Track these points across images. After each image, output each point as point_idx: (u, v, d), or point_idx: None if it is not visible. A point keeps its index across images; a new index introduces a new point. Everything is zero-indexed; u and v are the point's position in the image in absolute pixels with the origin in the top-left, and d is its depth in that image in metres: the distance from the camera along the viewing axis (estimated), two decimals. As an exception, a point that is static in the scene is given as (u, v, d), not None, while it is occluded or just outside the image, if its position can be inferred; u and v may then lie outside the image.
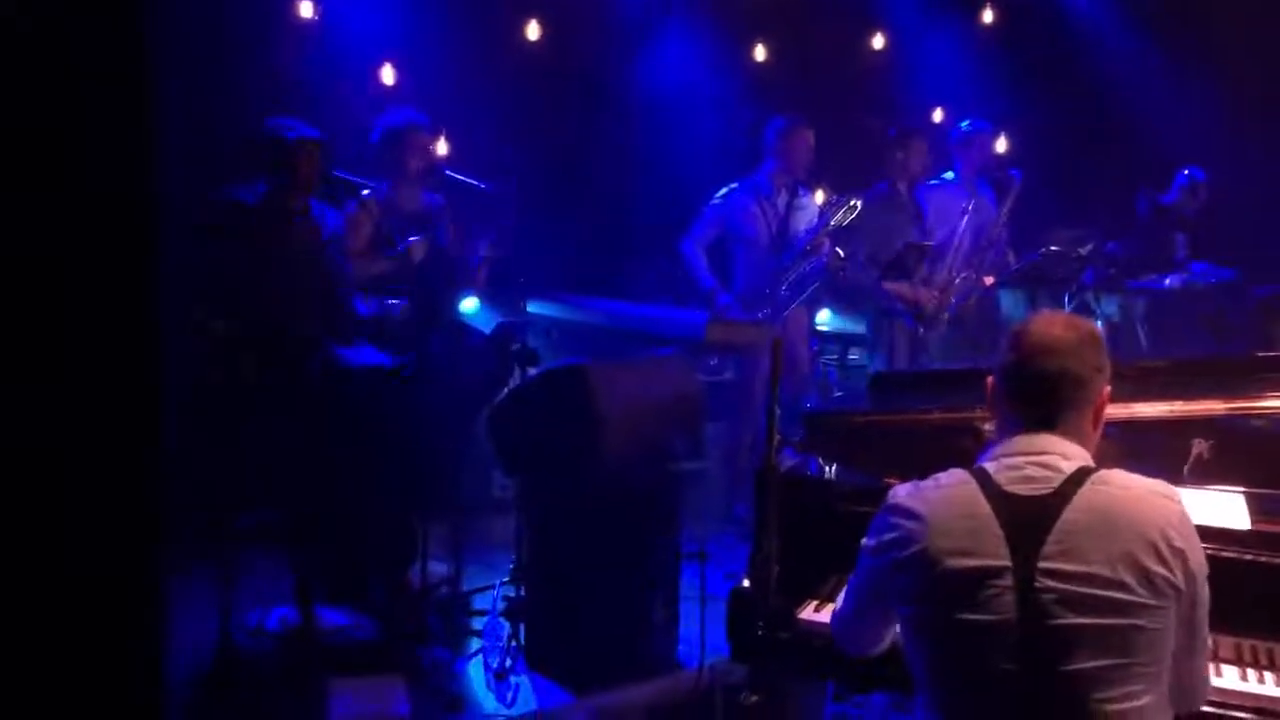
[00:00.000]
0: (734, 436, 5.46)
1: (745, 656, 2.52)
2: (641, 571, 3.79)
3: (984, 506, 1.83)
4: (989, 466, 1.90)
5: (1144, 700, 1.76)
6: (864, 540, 2.00)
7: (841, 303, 6.18)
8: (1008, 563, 1.78)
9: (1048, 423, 1.90)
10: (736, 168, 5.73)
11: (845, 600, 2.13)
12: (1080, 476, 1.83)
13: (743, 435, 5.40)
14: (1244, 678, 2.15)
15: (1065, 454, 1.87)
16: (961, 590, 1.80)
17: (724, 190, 5.55)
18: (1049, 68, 7.26)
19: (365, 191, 4.32)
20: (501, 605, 3.96)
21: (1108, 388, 1.97)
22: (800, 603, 2.50)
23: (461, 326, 4.62)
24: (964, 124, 6.03)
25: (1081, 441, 1.91)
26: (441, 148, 5.20)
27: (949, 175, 5.99)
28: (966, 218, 5.72)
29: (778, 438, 2.39)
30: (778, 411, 2.40)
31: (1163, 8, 7.15)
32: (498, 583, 4.15)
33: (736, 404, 5.44)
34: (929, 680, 1.91)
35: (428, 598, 4.06)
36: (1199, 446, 2.61)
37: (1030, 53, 7.30)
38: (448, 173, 4.54)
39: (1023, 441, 1.90)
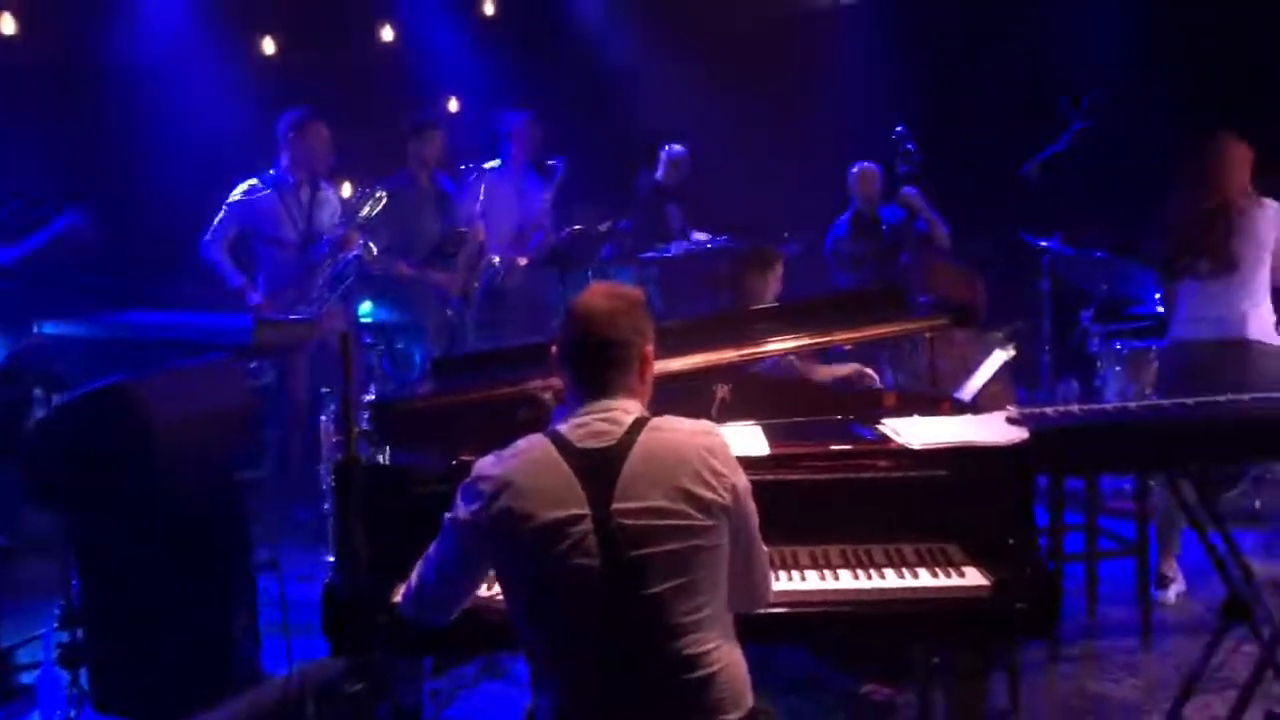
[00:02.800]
0: (285, 440, 5.36)
1: (345, 648, 2.56)
2: (213, 589, 3.65)
3: (561, 463, 2.05)
4: (562, 428, 2.13)
5: (708, 611, 2.06)
6: (452, 511, 2.13)
7: (379, 294, 6.24)
8: (586, 510, 2.01)
9: (600, 382, 2.16)
10: (255, 163, 5.61)
11: (425, 573, 2.22)
12: (638, 426, 2.10)
13: (294, 437, 5.31)
14: (775, 578, 2.54)
15: (624, 408, 2.14)
16: (550, 540, 2.01)
17: (243, 186, 5.43)
18: (551, 56, 7.75)
19: None
20: (55, 653, 3.64)
21: (650, 347, 2.24)
22: (393, 587, 2.57)
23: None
24: (510, 114, 6.34)
25: (634, 395, 2.19)
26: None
27: (496, 163, 6.26)
28: (508, 203, 6.06)
29: (356, 430, 2.45)
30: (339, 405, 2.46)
31: (649, 1, 7.88)
32: (46, 630, 3.80)
33: (283, 407, 5.34)
34: (531, 629, 2.10)
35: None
36: (720, 391, 3.03)
37: (529, 42, 7.75)
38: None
39: (588, 401, 2.14)
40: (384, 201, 5.37)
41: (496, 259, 6.06)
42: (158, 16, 6.42)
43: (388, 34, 7.49)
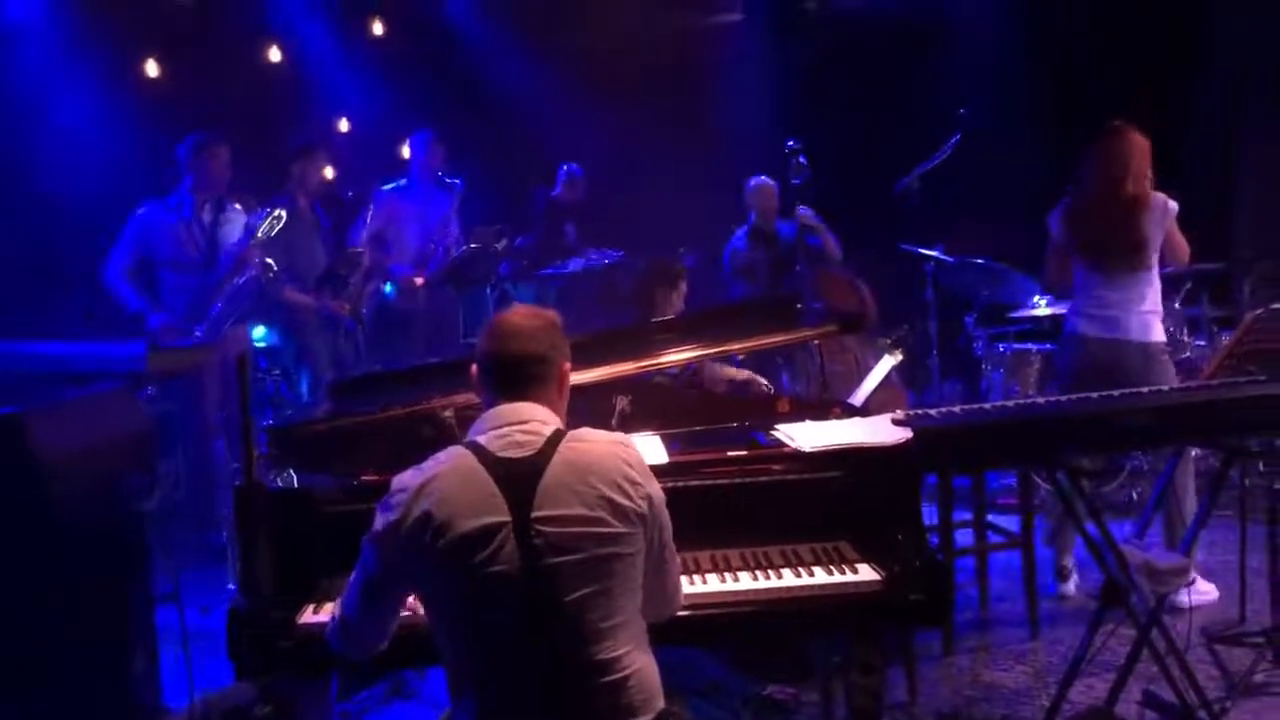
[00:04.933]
0: (189, 465, 5.28)
1: (252, 673, 2.55)
2: (111, 625, 3.58)
3: (481, 473, 2.09)
4: (481, 439, 2.16)
5: (623, 617, 2.12)
6: (372, 530, 2.14)
7: (272, 319, 6.19)
8: (507, 518, 2.05)
9: (520, 395, 2.21)
10: (145, 185, 5.55)
11: (347, 604, 2.23)
12: (557, 438, 2.15)
13: (201, 462, 5.23)
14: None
15: (543, 420, 2.19)
16: (472, 549, 2.04)
17: (139, 210, 5.40)
18: (441, 75, 7.76)
19: None
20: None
21: (567, 364, 2.31)
22: (298, 609, 2.58)
23: None
24: (416, 133, 6.35)
25: (553, 409, 2.25)
26: None
27: (402, 182, 6.26)
28: (412, 222, 6.08)
29: (255, 454, 2.45)
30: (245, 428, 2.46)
31: (539, 21, 7.93)
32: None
33: (184, 432, 5.26)
34: (450, 636, 2.12)
35: None
36: (621, 402, 3.10)
37: (420, 62, 7.74)
38: None
39: (506, 413, 2.19)
40: (283, 220, 5.38)
41: (388, 285, 6.07)
42: (32, 36, 6.28)
43: (275, 54, 7.41)
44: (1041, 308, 6.09)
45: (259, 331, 6.10)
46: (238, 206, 5.56)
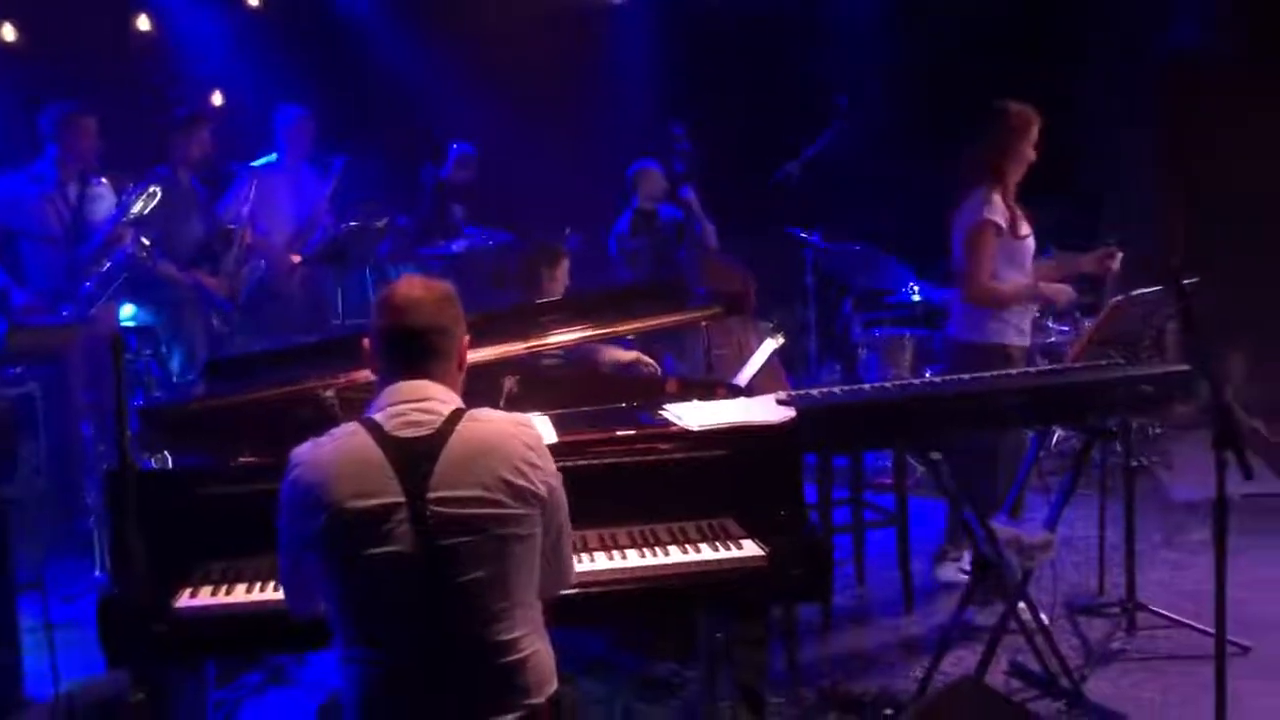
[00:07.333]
0: (53, 449, 5.05)
1: (124, 660, 2.47)
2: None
3: (376, 452, 2.04)
4: (377, 417, 2.11)
5: (519, 598, 2.11)
6: (279, 500, 2.09)
7: (142, 296, 5.97)
8: (401, 498, 2.01)
9: (422, 372, 2.16)
10: (6, 156, 5.31)
11: (280, 565, 2.19)
12: (455, 416, 2.12)
13: (66, 446, 5.01)
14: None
15: (441, 399, 2.14)
16: (366, 529, 2.01)
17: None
18: (323, 49, 7.56)
19: None
20: None
21: (467, 337, 2.27)
22: (174, 593, 2.51)
23: None
24: (284, 108, 6.19)
25: (451, 385, 2.20)
26: None
27: (273, 158, 6.09)
28: (284, 200, 5.92)
29: (128, 435, 2.36)
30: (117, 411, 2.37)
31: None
32: None
33: (47, 415, 5.03)
34: (345, 614, 2.09)
35: None
36: (509, 383, 3.08)
37: (301, 35, 7.54)
38: None
39: (404, 390, 2.14)
40: (158, 197, 5.22)
41: (263, 260, 5.92)
42: None
43: (144, 23, 7.11)
44: (915, 294, 6.28)
45: (128, 310, 5.89)
46: (104, 182, 5.36)
